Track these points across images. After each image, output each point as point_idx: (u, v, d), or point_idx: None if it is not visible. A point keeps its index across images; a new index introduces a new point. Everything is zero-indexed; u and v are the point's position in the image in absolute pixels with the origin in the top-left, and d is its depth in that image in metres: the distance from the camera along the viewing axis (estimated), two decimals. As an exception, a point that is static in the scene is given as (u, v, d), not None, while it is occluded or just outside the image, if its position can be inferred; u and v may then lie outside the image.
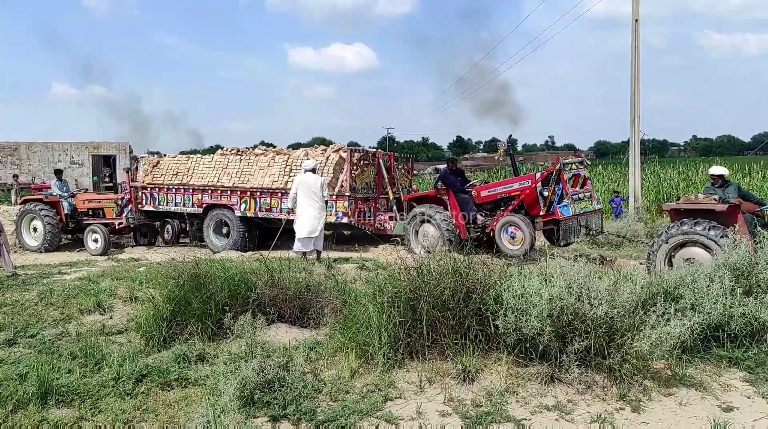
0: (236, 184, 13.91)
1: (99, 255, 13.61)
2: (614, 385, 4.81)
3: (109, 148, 37.61)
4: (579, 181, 10.90)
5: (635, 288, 5.31)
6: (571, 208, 10.34)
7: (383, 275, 6.16)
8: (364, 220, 13.17)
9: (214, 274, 6.49)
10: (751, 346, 5.42)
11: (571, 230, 10.37)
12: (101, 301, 7.56)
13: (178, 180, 14.82)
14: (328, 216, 12.36)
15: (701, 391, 4.86)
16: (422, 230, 11.54)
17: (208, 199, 14.34)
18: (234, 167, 14.19)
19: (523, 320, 4.95)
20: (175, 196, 14.85)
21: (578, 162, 11.01)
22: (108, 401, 4.84)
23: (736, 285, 5.63)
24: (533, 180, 10.85)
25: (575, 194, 10.58)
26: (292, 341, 6.02)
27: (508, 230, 10.56)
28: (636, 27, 16.62)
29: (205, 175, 14.51)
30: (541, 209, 10.62)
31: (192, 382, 5.18)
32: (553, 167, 10.65)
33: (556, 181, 10.50)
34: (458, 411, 4.57)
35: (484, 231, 11.22)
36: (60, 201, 14.84)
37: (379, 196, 13.77)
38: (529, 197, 10.82)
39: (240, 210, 13.76)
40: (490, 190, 11.56)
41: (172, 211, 14.98)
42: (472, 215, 11.36)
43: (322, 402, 4.74)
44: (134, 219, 14.90)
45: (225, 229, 14.09)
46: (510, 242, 10.52)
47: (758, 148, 69.77)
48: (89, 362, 5.55)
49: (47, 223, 14.21)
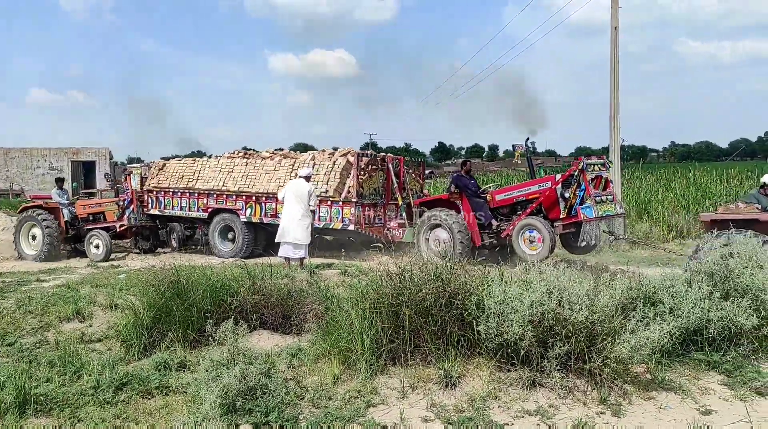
0: (242, 189, 13.52)
1: (101, 261, 13.36)
2: (595, 390, 4.85)
3: (89, 153, 37.31)
4: (601, 182, 10.38)
5: (615, 293, 5.36)
6: (594, 210, 9.81)
7: (366, 281, 6.17)
8: (371, 228, 12.64)
9: (195, 281, 6.45)
10: (729, 350, 5.49)
11: (594, 233, 9.96)
12: (80, 309, 7.47)
13: (183, 184, 14.43)
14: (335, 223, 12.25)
15: (680, 394, 4.91)
16: (433, 235, 11.08)
17: (213, 203, 13.95)
18: (240, 171, 13.83)
19: (505, 325, 4.98)
20: (181, 200, 14.43)
21: (601, 163, 10.49)
22: (87, 410, 4.79)
23: (714, 289, 5.71)
24: (553, 181, 10.37)
25: (598, 196, 10.05)
26: (274, 348, 6.00)
27: (526, 234, 10.09)
28: (615, 34, 16.80)
29: (210, 178, 14.13)
30: (561, 212, 10.14)
31: (173, 389, 5.14)
32: (575, 167, 10.19)
33: (578, 181, 10.03)
34: (441, 416, 4.58)
35: (499, 236, 10.73)
36: (60, 208, 14.57)
37: (388, 202, 13.26)
38: (549, 199, 10.34)
39: (245, 215, 13.38)
40: (506, 194, 11.09)
41: (178, 216, 14.61)
42: (486, 220, 10.91)
43: (304, 409, 4.73)
44: (136, 219, 14.60)
45: (231, 234, 13.74)
46: (529, 246, 10.04)
47: (735, 153, 70.83)
48: (68, 370, 5.49)
49: (47, 231, 13.88)
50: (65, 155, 36.41)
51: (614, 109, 16.90)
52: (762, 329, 5.53)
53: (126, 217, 14.55)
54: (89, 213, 14.92)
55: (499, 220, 10.96)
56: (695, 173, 23.92)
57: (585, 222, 9.84)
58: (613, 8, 16.83)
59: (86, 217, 14.81)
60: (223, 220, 13.79)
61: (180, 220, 14.87)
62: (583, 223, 9.86)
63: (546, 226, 9.92)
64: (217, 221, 13.85)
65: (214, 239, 13.82)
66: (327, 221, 12.50)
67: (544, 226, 9.91)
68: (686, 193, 17.01)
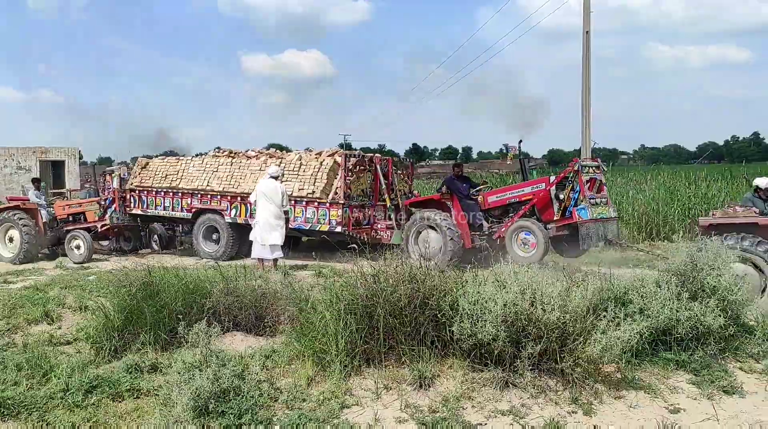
0: (226, 189, 13.16)
1: (82, 262, 13.07)
2: (567, 389, 4.92)
3: (58, 153, 36.61)
4: (595, 185, 10.30)
5: (586, 293, 5.44)
6: (588, 212, 9.73)
7: (340, 282, 6.16)
8: (359, 229, 12.32)
9: (167, 282, 6.38)
10: (697, 350, 5.59)
11: (590, 235, 9.78)
12: (49, 311, 7.34)
13: (167, 183, 14.04)
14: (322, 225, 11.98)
15: (650, 393, 5.00)
16: (423, 236, 10.84)
17: (197, 203, 13.61)
18: (225, 170, 13.47)
19: (479, 326, 5.02)
20: (164, 199, 14.05)
21: (595, 166, 10.45)
22: (56, 413, 4.71)
23: (683, 290, 5.81)
24: (547, 183, 10.26)
25: (592, 198, 9.99)
26: (247, 349, 5.96)
27: (521, 236, 9.93)
28: (587, 38, 17.06)
29: (194, 178, 13.74)
30: (555, 213, 10.05)
31: (144, 392, 5.08)
32: (571, 168, 10.11)
33: (573, 183, 9.94)
34: (415, 417, 4.60)
35: (491, 238, 10.54)
36: (38, 209, 14.22)
37: (376, 203, 13.06)
38: (542, 201, 10.22)
39: (230, 216, 13.03)
40: (498, 196, 10.95)
41: (161, 216, 14.27)
42: (477, 222, 10.72)
43: (278, 410, 4.71)
44: (118, 218, 14.27)
45: (215, 235, 13.40)
46: (522, 249, 9.89)
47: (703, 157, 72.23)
48: (36, 373, 5.39)
49: (25, 232, 13.51)
50: (33, 154, 35.66)
51: (586, 111, 17.16)
52: (728, 329, 5.65)
53: (108, 216, 14.26)
54: (69, 214, 14.50)
55: (490, 222, 10.85)
56: (664, 176, 24.31)
57: (580, 224, 9.72)
58: (585, 13, 17.09)
59: (65, 218, 14.45)
60: (207, 220, 13.46)
61: (162, 220, 14.64)
62: (580, 225, 9.72)
63: (541, 228, 9.82)
64: (201, 222, 13.53)
65: (198, 240, 13.50)
66: (314, 223, 12.22)
67: (539, 228, 9.80)
68: (656, 195, 17.25)
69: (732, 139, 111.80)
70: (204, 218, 13.53)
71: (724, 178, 21.57)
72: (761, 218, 7.83)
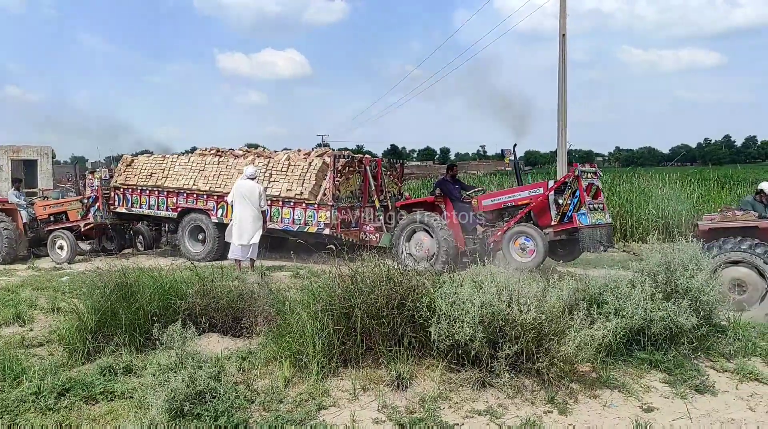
0: (213, 188, 12.95)
1: (66, 262, 12.83)
2: (543, 389, 4.96)
3: (31, 152, 35.97)
4: (591, 191, 10.23)
5: (562, 294, 5.49)
6: (588, 217, 9.70)
7: (317, 283, 6.15)
8: (347, 231, 12.20)
9: (143, 284, 6.31)
10: (670, 349, 5.67)
11: (590, 240, 9.71)
12: (21, 312, 7.24)
13: (152, 181, 13.80)
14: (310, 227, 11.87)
15: (624, 392, 5.06)
16: (415, 239, 10.75)
17: (183, 202, 13.38)
18: (212, 170, 13.25)
19: (456, 326, 5.04)
20: (149, 198, 13.81)
21: (593, 171, 10.38)
22: (28, 417, 4.63)
23: (656, 291, 5.89)
24: (545, 188, 10.24)
25: (591, 204, 9.94)
26: (224, 351, 5.91)
27: (519, 241, 9.86)
28: (563, 41, 17.22)
29: (180, 176, 13.50)
30: (553, 219, 9.99)
31: (118, 395, 5.01)
32: (571, 173, 10.08)
33: (573, 188, 9.95)
34: (392, 418, 4.60)
35: (484, 242, 10.48)
36: (18, 210, 13.92)
37: (365, 205, 12.88)
38: (539, 206, 10.18)
39: (217, 216, 12.80)
40: (493, 199, 10.86)
41: (146, 214, 14.06)
42: (471, 225, 10.73)
43: (254, 412, 4.68)
44: (102, 217, 14.02)
45: (201, 235, 13.19)
46: (520, 254, 9.82)
47: (676, 159, 73.40)
48: (8, 376, 5.30)
49: (5, 234, 13.22)
50: (5, 153, 34.95)
51: (562, 114, 17.32)
52: (701, 329, 5.74)
53: (91, 215, 14.02)
54: (50, 213, 14.23)
55: (484, 226, 10.79)
56: (639, 178, 24.64)
57: (580, 229, 9.66)
58: (561, 16, 17.25)
59: (47, 219, 14.20)
60: (193, 220, 13.26)
61: (147, 219, 14.41)
62: (581, 231, 9.68)
63: (541, 234, 9.75)
64: (187, 221, 13.32)
65: (184, 240, 13.30)
66: (301, 225, 12.11)
67: (539, 234, 9.74)
68: (630, 196, 17.50)
69: (704, 141, 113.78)
70: (190, 218, 13.33)
71: (696, 181, 21.94)
72: (761, 221, 7.80)
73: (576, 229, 9.69)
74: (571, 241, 10.09)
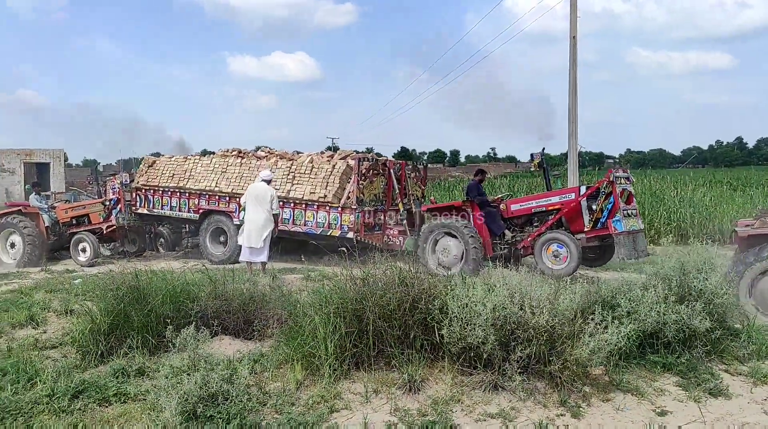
0: (235, 190, 12.83)
1: (89, 265, 12.90)
2: (555, 392, 4.93)
3: (43, 155, 36.26)
4: (624, 196, 9.99)
5: (574, 297, 5.46)
6: (623, 223, 9.55)
7: (329, 286, 6.15)
8: (371, 235, 12.11)
9: (155, 286, 6.34)
10: (684, 352, 5.63)
11: (625, 246, 9.58)
12: (34, 315, 7.28)
13: (174, 182, 13.79)
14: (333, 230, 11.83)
15: (637, 396, 5.03)
16: (442, 244, 10.51)
17: (205, 204, 13.37)
18: (233, 171, 13.19)
19: (468, 329, 5.03)
20: (171, 199, 13.82)
21: (625, 177, 10.20)
22: (42, 419, 4.65)
23: (669, 293, 5.85)
24: (577, 193, 10.13)
25: (625, 210, 9.77)
26: (236, 354, 5.92)
27: (552, 248, 9.72)
28: (574, 43, 17.17)
29: (202, 178, 13.47)
30: (586, 225, 9.84)
31: (131, 397, 5.03)
32: (606, 179, 9.88)
33: (607, 194, 9.75)
34: (404, 420, 4.60)
35: (513, 247, 10.38)
36: (40, 213, 14.01)
37: (388, 208, 12.76)
38: (572, 212, 10.03)
39: (238, 218, 12.36)
40: (522, 204, 10.73)
41: (167, 216, 14.07)
42: (499, 230, 10.56)
43: (267, 415, 4.68)
44: (124, 219, 14.07)
45: (222, 237, 13.18)
46: (553, 261, 9.69)
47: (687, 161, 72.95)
48: (21, 378, 5.33)
49: (28, 238, 13.30)
50: (17, 157, 35.28)
51: (572, 115, 17.25)
52: (715, 332, 5.69)
53: (113, 217, 14.08)
54: (72, 216, 14.32)
55: (512, 231, 10.63)
56: (650, 180, 24.53)
57: (615, 236, 9.53)
58: (572, 18, 17.20)
59: (68, 221, 14.27)
60: (214, 222, 13.24)
61: (169, 221, 14.39)
62: (616, 237, 9.54)
63: (574, 241, 9.60)
64: (209, 223, 13.30)
65: (205, 242, 13.27)
66: (324, 228, 12.05)
67: (573, 241, 9.58)
68: (641, 199, 17.41)
69: (716, 143, 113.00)
70: (211, 220, 13.28)
71: (708, 183, 21.82)
72: None
73: (609, 236, 9.56)
74: (602, 246, 9.99)
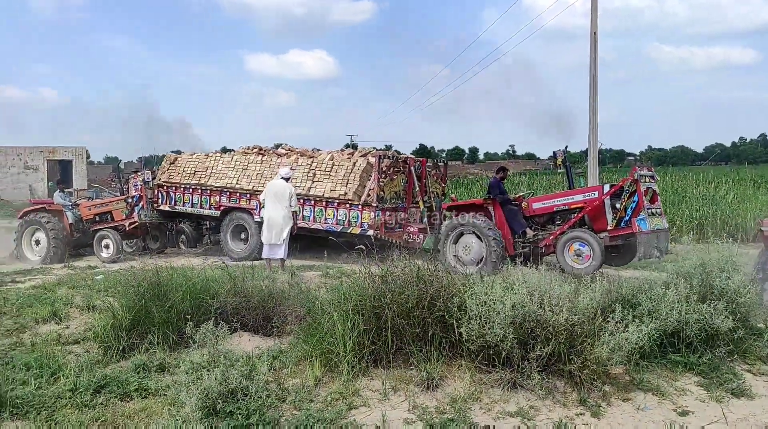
0: (256, 187, 12.83)
1: (111, 262, 13.07)
2: (575, 391, 4.90)
3: (66, 152, 36.77)
4: (648, 195, 9.84)
5: (594, 295, 5.42)
6: (647, 222, 9.45)
7: (348, 283, 6.16)
8: (391, 233, 12.04)
9: (175, 283, 6.40)
10: (705, 352, 5.57)
11: (650, 246, 9.44)
12: (57, 310, 7.37)
13: (195, 179, 13.91)
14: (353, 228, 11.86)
15: (658, 395, 4.98)
16: (462, 242, 10.38)
17: (226, 201, 13.46)
18: (254, 169, 13.27)
19: (487, 327, 5.01)
20: (192, 196, 13.94)
21: (650, 175, 10.02)
22: (65, 413, 4.72)
23: (691, 292, 5.79)
24: (601, 192, 9.93)
25: (650, 209, 9.64)
26: (255, 350, 5.97)
27: (574, 246, 9.60)
28: (594, 40, 17.00)
29: (223, 175, 13.58)
30: (609, 223, 9.69)
31: (152, 392, 5.09)
32: (631, 177, 9.72)
33: (631, 192, 9.61)
34: (422, 418, 4.60)
35: (535, 246, 10.24)
36: (64, 211, 14.24)
37: (408, 205, 12.71)
38: (595, 210, 9.86)
39: (259, 215, 12.31)
40: (544, 202, 10.55)
41: (189, 213, 14.21)
42: (521, 228, 10.41)
43: (285, 411, 4.71)
44: (146, 216, 14.18)
45: (243, 234, 13.25)
46: (575, 260, 9.58)
47: (710, 158, 72.01)
48: (45, 373, 5.41)
49: (52, 235, 13.51)
50: (41, 154, 35.81)
51: (593, 112, 17.10)
52: (737, 331, 5.62)
53: (136, 214, 14.25)
54: (95, 214, 14.46)
55: (534, 230, 10.50)
56: (672, 177, 24.27)
57: (639, 235, 9.35)
58: (593, 14, 17.03)
59: (92, 219, 14.45)
60: (235, 219, 13.33)
61: (190, 218, 14.50)
62: (640, 236, 9.35)
63: (597, 239, 9.50)
64: (230, 220, 13.40)
65: (227, 239, 13.37)
66: (345, 226, 12.07)
67: (596, 240, 9.48)
68: (663, 196, 17.22)
69: (739, 140, 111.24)
70: (232, 217, 13.37)
71: (731, 181, 21.52)
72: None
73: (632, 234, 9.45)
74: (625, 245, 9.85)
